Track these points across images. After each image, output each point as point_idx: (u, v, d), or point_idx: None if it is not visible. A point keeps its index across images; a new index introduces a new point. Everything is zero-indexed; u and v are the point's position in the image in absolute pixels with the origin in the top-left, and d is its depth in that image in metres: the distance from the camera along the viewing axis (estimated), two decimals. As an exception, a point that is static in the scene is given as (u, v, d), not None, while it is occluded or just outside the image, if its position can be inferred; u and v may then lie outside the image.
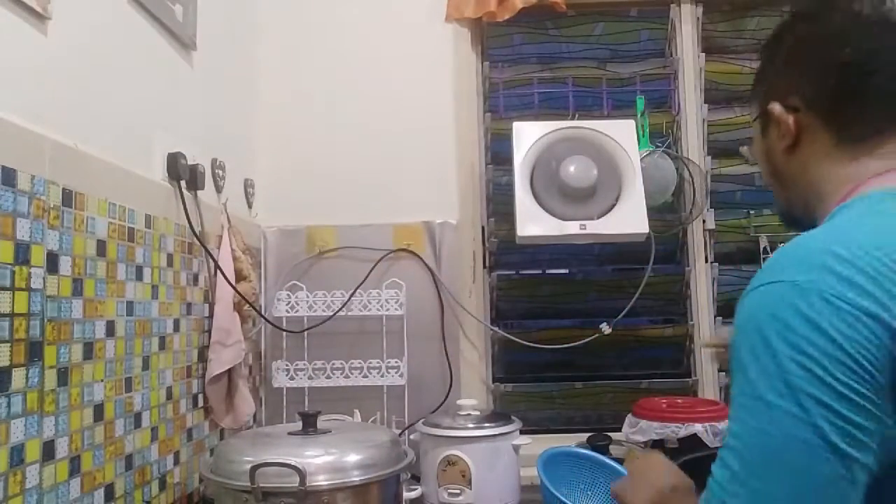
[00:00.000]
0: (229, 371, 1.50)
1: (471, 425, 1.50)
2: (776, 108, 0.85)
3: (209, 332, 1.48)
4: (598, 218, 1.73)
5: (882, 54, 0.79)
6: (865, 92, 0.79)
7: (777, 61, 0.88)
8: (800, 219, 0.87)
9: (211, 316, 1.49)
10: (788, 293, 0.63)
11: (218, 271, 1.46)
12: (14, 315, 0.88)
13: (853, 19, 0.82)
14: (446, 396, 1.82)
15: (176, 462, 1.33)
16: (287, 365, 1.83)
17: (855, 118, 0.80)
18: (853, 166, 0.79)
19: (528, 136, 1.78)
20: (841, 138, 0.81)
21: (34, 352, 0.92)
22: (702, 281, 1.97)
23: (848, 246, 0.64)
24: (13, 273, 0.88)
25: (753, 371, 0.63)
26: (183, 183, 1.38)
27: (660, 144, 1.92)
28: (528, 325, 1.99)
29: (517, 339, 1.90)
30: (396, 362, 1.82)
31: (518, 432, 1.53)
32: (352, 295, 1.82)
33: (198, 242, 1.43)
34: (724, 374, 1.91)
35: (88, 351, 1.05)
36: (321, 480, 1.08)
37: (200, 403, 1.45)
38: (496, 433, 1.49)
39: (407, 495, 1.41)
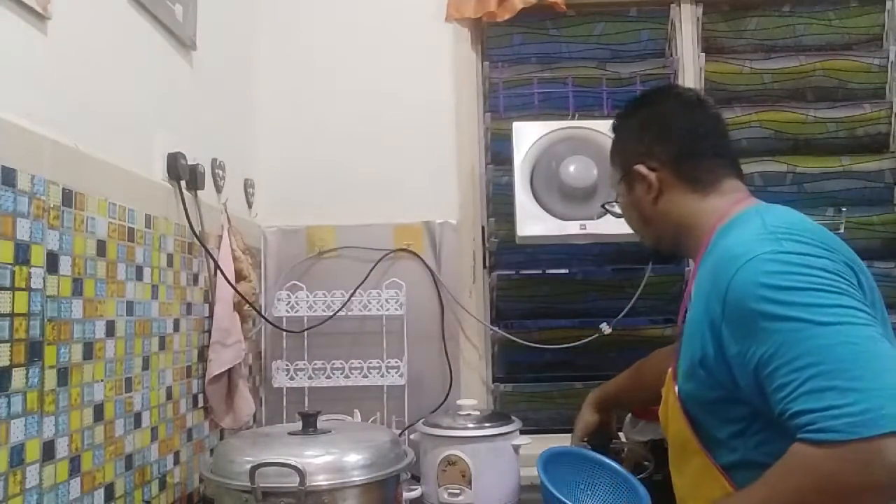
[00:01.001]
0: (229, 371, 1.50)
1: (471, 425, 1.50)
2: (641, 168, 1.11)
3: (209, 332, 1.48)
4: (598, 218, 1.73)
5: (706, 124, 1.12)
6: (700, 151, 1.10)
7: (633, 133, 1.15)
8: (667, 251, 1.17)
9: (211, 316, 1.49)
10: (762, 262, 0.87)
11: (218, 271, 1.46)
12: (14, 315, 0.88)
13: (682, 102, 1.15)
14: (446, 396, 1.82)
15: (176, 462, 1.33)
16: (287, 365, 1.83)
17: (697, 170, 1.09)
18: (710, 202, 1.07)
19: (528, 136, 1.78)
20: (693, 185, 1.09)
21: (34, 352, 0.92)
22: (702, 281, 1.97)
23: (778, 226, 0.92)
24: (13, 273, 0.88)
25: (793, 311, 0.82)
26: (183, 183, 1.38)
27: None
28: (528, 325, 1.98)
29: (517, 339, 1.90)
30: (396, 362, 1.82)
31: (518, 432, 1.53)
32: (352, 295, 1.82)
33: (198, 242, 1.43)
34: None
35: (88, 351, 1.05)
36: (321, 480, 1.08)
37: (200, 403, 1.45)
38: (496, 433, 1.49)
39: (407, 495, 1.41)
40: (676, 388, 1.01)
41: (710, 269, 0.95)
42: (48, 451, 0.95)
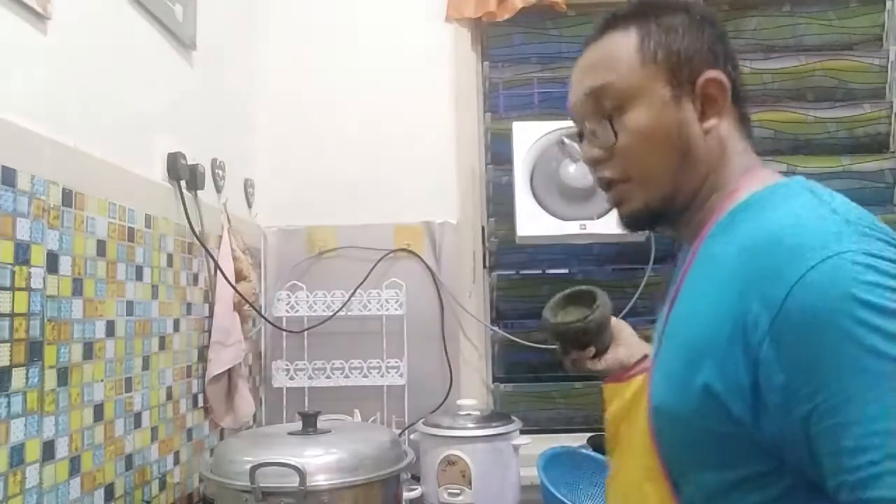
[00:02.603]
0: (229, 371, 1.50)
1: (471, 425, 1.50)
2: (717, 75, 0.77)
3: (209, 332, 1.48)
4: (598, 218, 1.73)
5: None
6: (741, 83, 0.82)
7: (687, 30, 0.79)
8: (668, 211, 0.81)
9: (211, 316, 1.49)
10: (852, 267, 0.60)
11: (218, 271, 1.46)
12: (14, 315, 0.88)
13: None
14: (446, 396, 1.82)
15: (176, 462, 1.33)
16: (287, 365, 1.83)
17: (745, 103, 0.81)
18: (747, 156, 0.80)
19: (528, 136, 1.78)
20: (743, 124, 0.81)
21: (34, 352, 0.92)
22: (702, 281, 1.97)
23: (859, 216, 0.67)
24: (13, 273, 0.88)
25: (890, 348, 0.58)
26: (183, 183, 1.38)
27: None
28: (528, 325, 1.98)
29: (517, 339, 1.90)
30: (396, 362, 1.82)
31: (518, 432, 1.53)
32: (352, 295, 1.82)
33: (198, 242, 1.43)
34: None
35: (88, 351, 1.05)
36: (321, 480, 1.08)
37: (200, 403, 1.45)
38: (496, 433, 1.49)
39: (407, 495, 1.41)
40: (652, 403, 0.76)
41: (739, 253, 0.69)
42: (48, 451, 0.95)
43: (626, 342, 1.08)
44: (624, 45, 0.79)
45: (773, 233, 0.66)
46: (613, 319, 1.10)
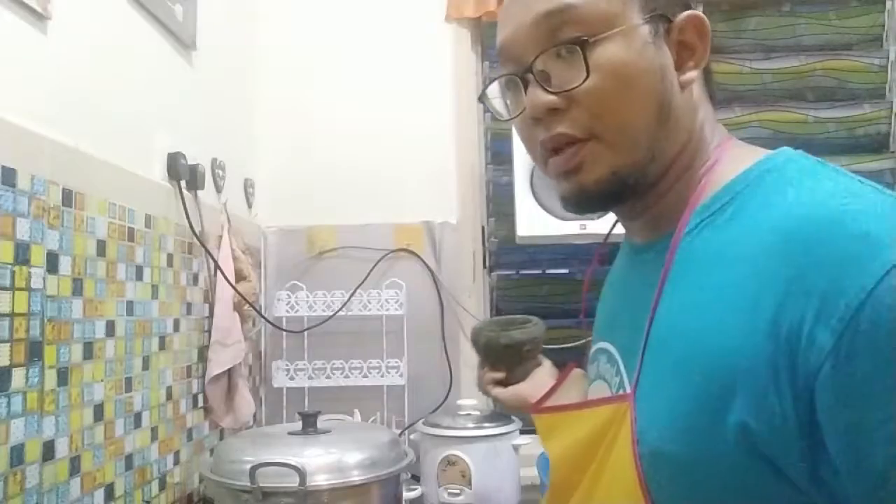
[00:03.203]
0: (229, 371, 1.50)
1: (471, 425, 1.50)
2: (695, 12, 0.62)
3: (209, 332, 1.48)
4: (598, 218, 1.73)
5: None
6: None
7: None
8: (636, 184, 0.63)
9: (211, 316, 1.49)
10: None
11: (218, 271, 1.46)
12: (14, 315, 0.88)
13: None
14: (446, 396, 1.82)
15: (176, 462, 1.33)
16: (287, 365, 1.83)
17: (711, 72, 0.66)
18: (718, 126, 0.66)
19: (528, 136, 1.78)
20: (710, 87, 0.67)
21: (34, 352, 0.92)
22: (702, 281, 1.97)
23: None
24: (13, 273, 0.88)
25: None
26: (183, 183, 1.38)
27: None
28: (528, 325, 1.98)
29: (517, 339, 1.89)
30: (396, 362, 1.82)
31: (518, 432, 1.53)
32: (352, 295, 1.82)
33: (198, 242, 1.43)
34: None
35: (88, 351, 1.05)
36: (321, 480, 1.08)
37: (200, 403, 1.45)
38: (496, 433, 1.49)
39: (407, 495, 1.41)
40: (645, 449, 0.57)
41: (765, 246, 0.53)
42: (48, 451, 0.95)
43: (538, 379, 0.99)
44: None
45: (822, 219, 0.50)
46: (542, 359, 1.04)
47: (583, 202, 0.65)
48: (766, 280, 0.51)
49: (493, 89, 0.68)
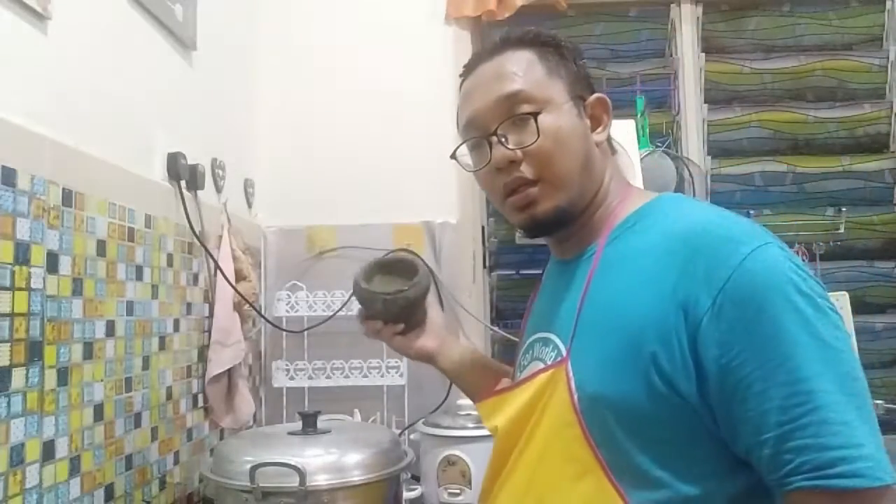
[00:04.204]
0: (229, 371, 1.50)
1: (471, 425, 1.50)
2: (601, 95, 0.88)
3: (209, 332, 1.48)
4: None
5: None
6: None
7: (572, 62, 0.89)
8: (571, 215, 0.85)
9: (211, 316, 1.49)
10: (783, 252, 0.71)
11: (218, 271, 1.46)
12: (14, 315, 0.88)
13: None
14: (446, 396, 1.82)
15: (176, 462, 1.33)
16: (287, 365, 1.83)
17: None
18: (619, 170, 0.91)
19: (528, 136, 1.78)
20: (608, 140, 0.90)
21: (34, 352, 0.92)
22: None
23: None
24: (13, 273, 0.88)
25: (818, 324, 0.67)
26: (183, 183, 1.38)
27: (660, 144, 1.92)
28: (528, 325, 1.98)
29: (517, 339, 1.89)
30: (396, 362, 1.82)
31: (518, 432, 1.52)
32: (352, 295, 1.82)
33: (198, 242, 1.43)
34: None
35: (88, 351, 1.05)
36: (321, 480, 1.08)
37: (200, 403, 1.45)
38: (496, 433, 1.49)
39: (407, 495, 1.41)
40: (584, 393, 0.76)
41: (663, 248, 0.75)
42: (48, 450, 0.95)
43: (435, 332, 1.13)
44: (528, 60, 0.86)
45: (700, 227, 0.75)
46: (431, 304, 1.11)
47: (534, 229, 0.87)
48: (665, 266, 0.74)
49: (462, 150, 0.93)
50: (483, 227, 1.99)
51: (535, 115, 0.82)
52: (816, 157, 1.98)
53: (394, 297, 1.04)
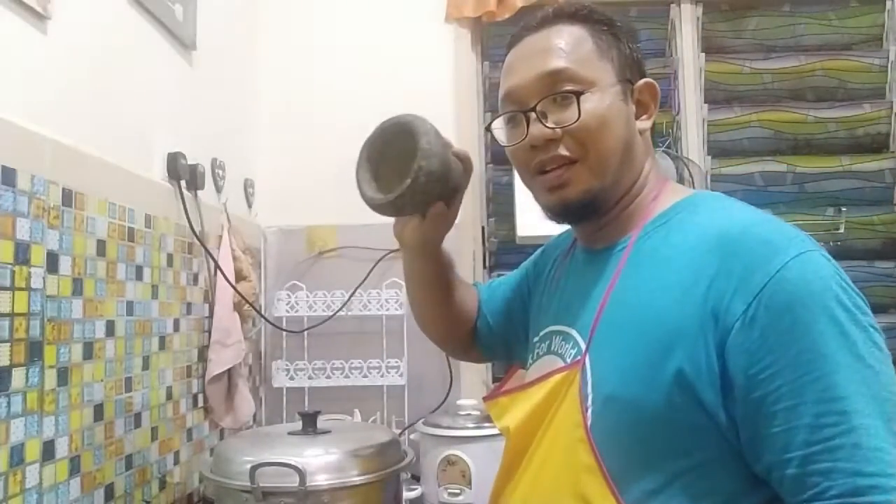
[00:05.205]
0: (229, 371, 1.50)
1: (471, 425, 1.50)
2: (650, 80, 0.85)
3: (209, 332, 1.48)
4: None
5: None
6: None
7: (628, 43, 0.85)
8: (604, 203, 0.82)
9: (211, 316, 1.49)
10: (827, 262, 0.67)
11: (218, 271, 1.46)
12: (14, 315, 0.88)
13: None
14: (446, 396, 1.82)
15: (176, 462, 1.33)
16: (287, 365, 1.83)
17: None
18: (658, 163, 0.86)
19: (528, 136, 1.78)
20: (651, 132, 0.87)
21: (34, 352, 0.92)
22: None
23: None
24: (13, 273, 0.88)
25: (858, 341, 0.64)
26: (183, 183, 1.38)
27: (660, 144, 1.92)
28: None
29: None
30: (396, 362, 1.82)
31: (518, 432, 1.52)
32: (352, 295, 1.82)
33: (198, 242, 1.43)
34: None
35: (88, 351, 1.05)
36: (321, 480, 1.08)
37: (200, 403, 1.45)
38: (496, 433, 1.48)
39: (407, 495, 1.41)
40: (600, 394, 0.73)
41: (696, 248, 0.71)
42: (48, 450, 0.95)
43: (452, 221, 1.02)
44: (578, 37, 0.82)
45: (738, 229, 0.70)
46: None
47: (562, 213, 0.84)
48: (698, 269, 0.70)
49: (497, 123, 0.91)
50: (483, 228, 1.98)
51: (577, 94, 0.78)
52: (816, 157, 1.98)
53: (414, 184, 0.91)
